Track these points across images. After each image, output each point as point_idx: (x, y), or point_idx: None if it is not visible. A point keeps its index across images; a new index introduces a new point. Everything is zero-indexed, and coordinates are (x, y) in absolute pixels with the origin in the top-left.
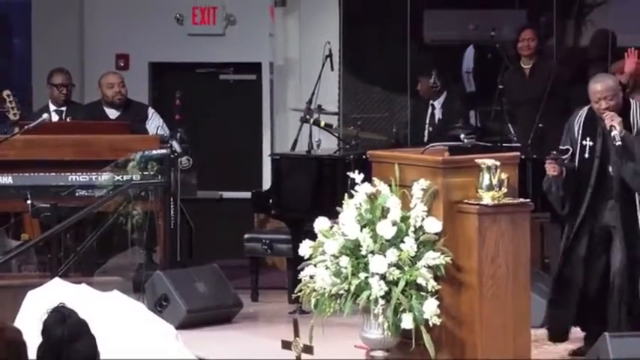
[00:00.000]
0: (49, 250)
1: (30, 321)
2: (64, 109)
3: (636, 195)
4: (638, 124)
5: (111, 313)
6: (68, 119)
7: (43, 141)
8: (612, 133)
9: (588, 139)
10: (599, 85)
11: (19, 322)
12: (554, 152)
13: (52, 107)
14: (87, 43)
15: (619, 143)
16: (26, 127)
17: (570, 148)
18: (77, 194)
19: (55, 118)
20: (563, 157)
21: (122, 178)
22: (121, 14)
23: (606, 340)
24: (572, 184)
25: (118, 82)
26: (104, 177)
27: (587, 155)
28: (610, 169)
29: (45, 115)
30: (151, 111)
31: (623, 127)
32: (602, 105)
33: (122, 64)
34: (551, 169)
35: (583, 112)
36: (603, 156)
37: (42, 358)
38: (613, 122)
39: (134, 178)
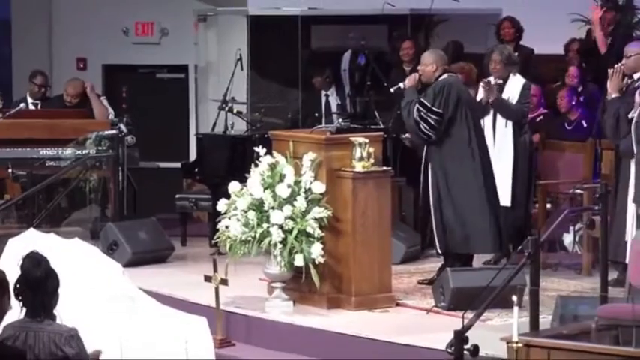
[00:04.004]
0: (25, 207)
1: (10, 262)
2: (38, 102)
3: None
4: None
5: (73, 255)
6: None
7: (21, 124)
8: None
9: None
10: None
11: (2, 264)
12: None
13: (29, 100)
14: (54, 50)
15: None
16: (7, 113)
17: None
18: (47, 165)
19: (32, 107)
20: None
21: (82, 152)
22: (80, 27)
23: (448, 272)
24: None
25: (72, 93)
26: (68, 151)
27: None
28: None
29: (22, 105)
30: (104, 101)
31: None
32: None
33: (81, 66)
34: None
35: None
36: None
37: (21, 292)
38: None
39: (91, 153)
